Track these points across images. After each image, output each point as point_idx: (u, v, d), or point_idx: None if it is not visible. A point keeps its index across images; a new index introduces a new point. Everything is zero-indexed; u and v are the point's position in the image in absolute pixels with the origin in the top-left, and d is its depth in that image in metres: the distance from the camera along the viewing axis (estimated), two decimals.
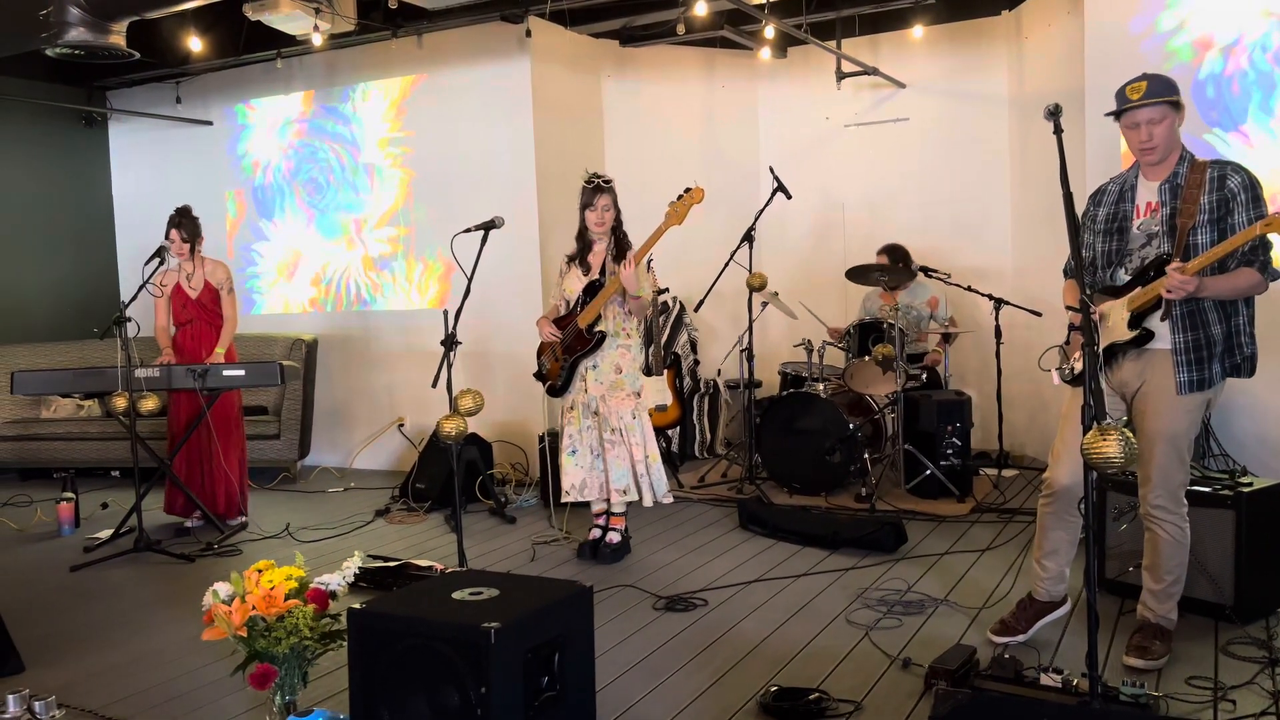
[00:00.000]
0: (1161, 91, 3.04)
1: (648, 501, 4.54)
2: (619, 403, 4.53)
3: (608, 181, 4.54)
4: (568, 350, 4.57)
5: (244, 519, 5.51)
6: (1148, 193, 3.16)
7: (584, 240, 4.61)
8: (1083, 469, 3.17)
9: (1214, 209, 3.00)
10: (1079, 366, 3.23)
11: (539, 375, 4.76)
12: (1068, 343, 3.36)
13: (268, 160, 7.45)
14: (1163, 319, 3.06)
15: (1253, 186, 3.01)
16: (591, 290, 4.51)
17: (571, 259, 4.66)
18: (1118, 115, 3.12)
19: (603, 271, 4.53)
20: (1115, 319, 3.13)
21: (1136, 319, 3.08)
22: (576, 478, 4.59)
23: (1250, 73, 4.81)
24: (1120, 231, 3.20)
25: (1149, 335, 3.08)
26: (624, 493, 4.53)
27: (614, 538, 4.61)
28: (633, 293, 4.41)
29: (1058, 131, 2.77)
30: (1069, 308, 3.26)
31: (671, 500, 4.68)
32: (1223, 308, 3.05)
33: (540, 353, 4.72)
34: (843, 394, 5.84)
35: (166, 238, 5.40)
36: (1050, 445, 3.38)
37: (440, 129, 6.72)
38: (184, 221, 5.41)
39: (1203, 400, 3.12)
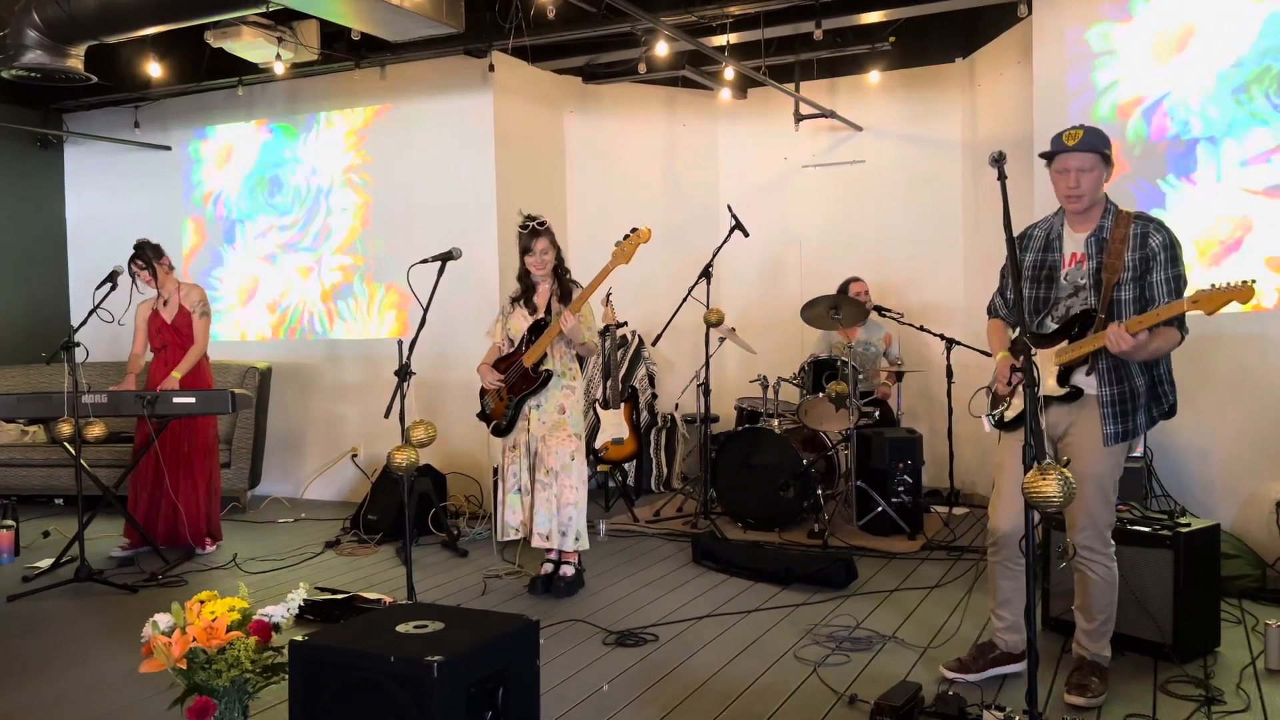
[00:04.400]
0: (1095, 143, 3.13)
1: (567, 545, 4.51)
2: (559, 443, 4.51)
3: (542, 224, 4.53)
4: (513, 390, 4.55)
5: (212, 548, 5.45)
6: (1074, 244, 3.25)
7: (527, 281, 4.62)
8: (1023, 514, 3.27)
9: (1136, 267, 3.10)
10: (1010, 414, 3.30)
11: (483, 415, 4.73)
12: (992, 387, 3.43)
13: (226, 187, 7.41)
14: (1088, 374, 3.15)
15: (1172, 246, 3.10)
16: (537, 329, 4.51)
17: (515, 299, 4.65)
18: (1050, 158, 3.20)
19: (548, 310, 4.53)
20: (1044, 371, 3.20)
21: (1064, 374, 3.17)
22: (513, 518, 4.58)
23: (1183, 130, 4.97)
24: (1049, 280, 3.27)
25: (1078, 393, 3.17)
26: (545, 538, 4.50)
27: (567, 571, 4.59)
28: (577, 341, 4.44)
29: (1002, 178, 2.86)
30: (1006, 353, 3.33)
31: (587, 548, 4.59)
32: (1143, 361, 3.13)
33: (483, 393, 4.70)
34: (797, 430, 5.89)
35: (134, 277, 5.37)
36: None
37: (401, 160, 6.73)
38: (136, 255, 5.37)
39: (1128, 445, 3.23)
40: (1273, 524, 4.57)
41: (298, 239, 7.16)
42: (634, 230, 4.35)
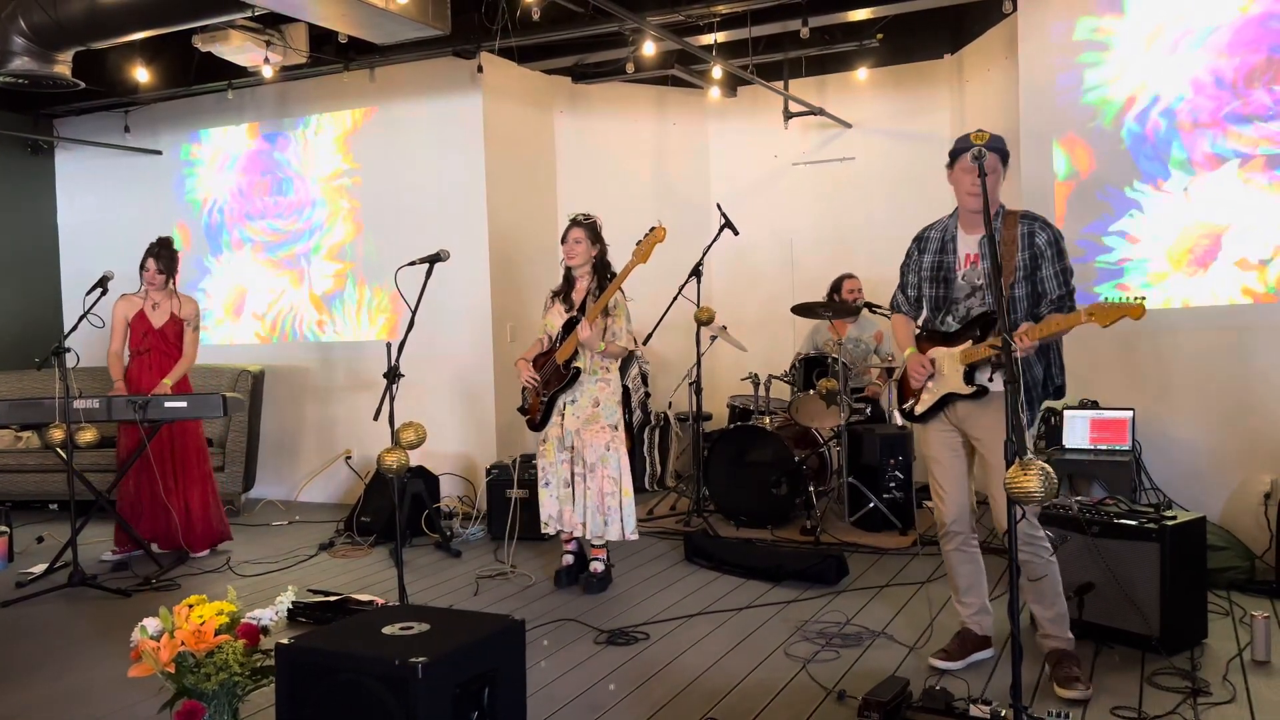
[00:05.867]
0: (999, 144, 3.25)
1: (613, 536, 4.57)
2: (594, 435, 4.56)
3: (586, 218, 4.64)
4: (545, 386, 4.63)
5: (204, 552, 5.46)
6: (967, 245, 3.38)
7: (569, 276, 4.69)
8: (967, 501, 3.40)
9: (1026, 265, 3.27)
10: (920, 408, 3.44)
11: (522, 410, 4.80)
12: (901, 383, 3.57)
13: (216, 190, 7.42)
14: (992, 374, 3.26)
15: (1057, 242, 3.27)
16: (570, 326, 4.56)
17: (556, 294, 4.73)
18: (955, 157, 3.30)
19: (583, 308, 4.59)
20: (949, 369, 3.34)
21: (969, 373, 3.29)
22: (553, 509, 4.64)
23: (1164, 129, 4.98)
24: (946, 281, 3.41)
25: (984, 392, 3.28)
26: (594, 524, 4.55)
27: (597, 567, 4.63)
28: (593, 349, 4.49)
29: (982, 175, 2.89)
30: (914, 349, 3.47)
31: (637, 537, 4.68)
32: (1039, 350, 3.27)
33: (525, 387, 4.76)
34: (789, 427, 5.90)
35: (143, 266, 5.37)
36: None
37: (391, 162, 6.74)
38: (163, 253, 5.39)
39: (1033, 433, 3.37)
40: (1261, 515, 4.59)
41: (288, 242, 7.17)
42: (651, 229, 4.40)
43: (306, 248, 7.10)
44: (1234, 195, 4.83)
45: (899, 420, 3.62)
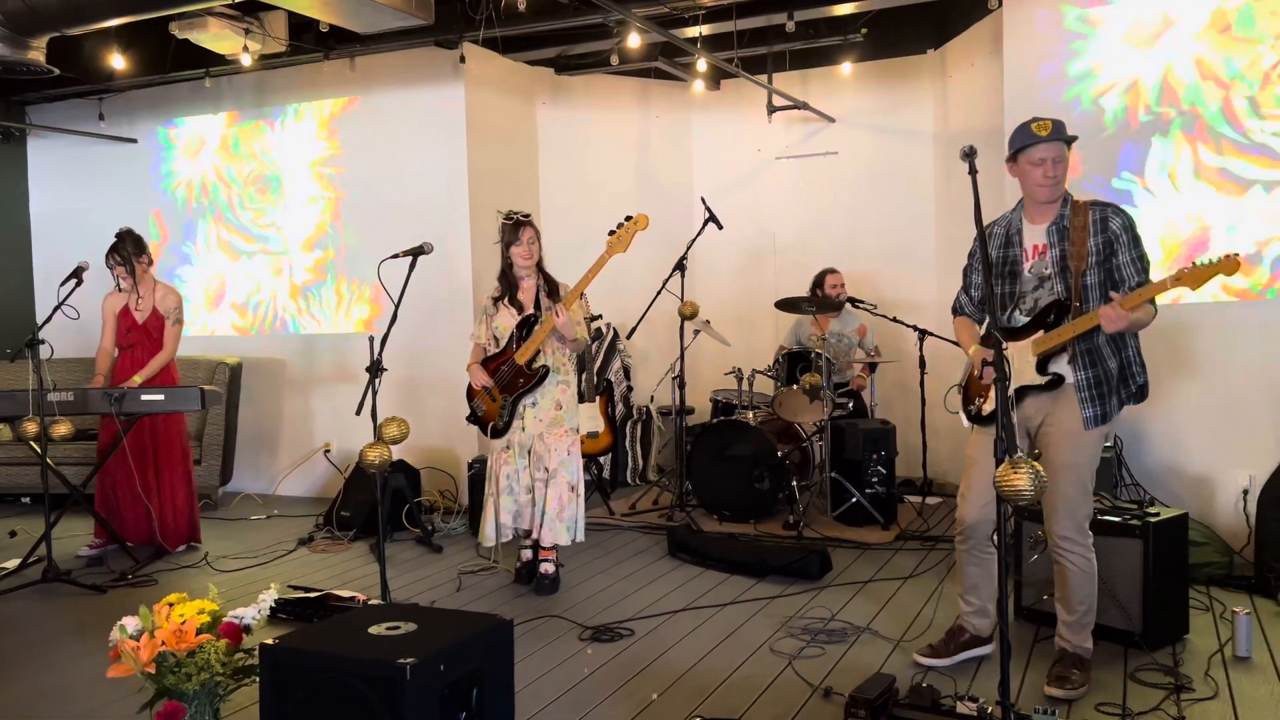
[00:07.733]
0: (1063, 132, 3.16)
1: (564, 541, 4.48)
2: (556, 439, 4.46)
3: (527, 216, 4.49)
4: (507, 389, 4.46)
5: (188, 546, 5.40)
6: (1034, 236, 3.26)
7: (510, 278, 4.53)
8: (990, 506, 3.30)
9: (1100, 251, 3.13)
10: (986, 408, 3.32)
11: (473, 419, 4.63)
12: (965, 384, 3.47)
13: (193, 180, 7.31)
14: (1069, 362, 3.17)
15: (1132, 228, 3.16)
16: (527, 325, 4.45)
17: (498, 299, 4.56)
18: (1021, 150, 3.19)
19: (536, 306, 4.48)
20: (1021, 363, 3.22)
21: (1043, 363, 3.19)
22: (507, 518, 4.51)
23: (1150, 121, 5.01)
24: (1012, 275, 3.30)
25: (1059, 380, 3.19)
26: (552, 531, 4.47)
27: (549, 569, 4.54)
28: (570, 338, 4.39)
29: (972, 172, 2.86)
30: (978, 346, 3.36)
31: (581, 540, 4.59)
32: (1114, 343, 3.17)
33: (471, 396, 4.60)
34: (772, 422, 5.89)
35: (110, 268, 5.29)
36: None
37: (372, 152, 6.67)
38: (116, 248, 5.27)
39: (1104, 433, 3.25)
40: (1240, 511, 4.63)
41: (267, 233, 7.08)
42: (629, 218, 4.29)
43: (286, 238, 7.02)
44: (1219, 191, 4.86)
45: (965, 422, 3.43)
